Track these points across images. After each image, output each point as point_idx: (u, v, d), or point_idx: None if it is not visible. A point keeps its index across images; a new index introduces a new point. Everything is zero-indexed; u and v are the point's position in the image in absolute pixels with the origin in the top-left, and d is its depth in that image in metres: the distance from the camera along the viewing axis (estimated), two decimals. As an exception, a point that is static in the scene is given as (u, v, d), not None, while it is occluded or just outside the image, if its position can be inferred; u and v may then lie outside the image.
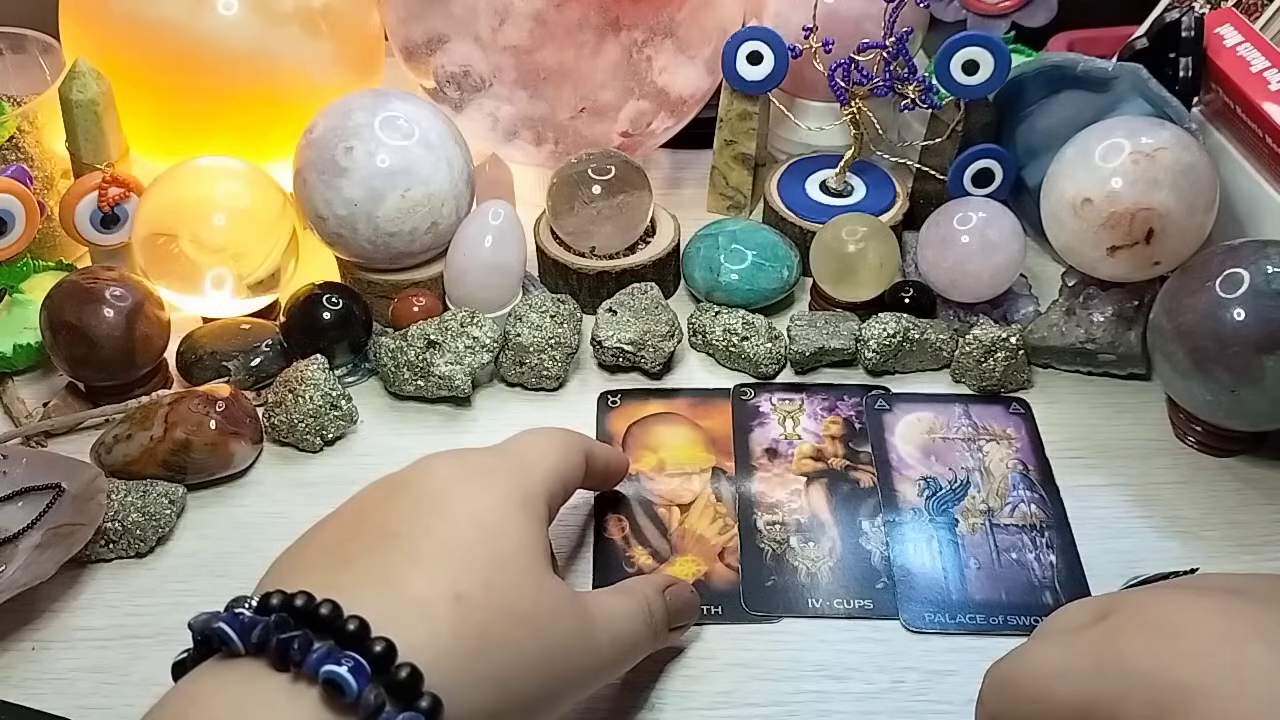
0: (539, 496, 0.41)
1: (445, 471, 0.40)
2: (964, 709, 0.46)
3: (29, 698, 0.47)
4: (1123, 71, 0.62)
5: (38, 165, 0.67)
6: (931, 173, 0.68)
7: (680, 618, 0.46)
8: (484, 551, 0.37)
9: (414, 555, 0.36)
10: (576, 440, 0.47)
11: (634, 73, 0.67)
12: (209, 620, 0.33)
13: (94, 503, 0.51)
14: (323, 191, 0.60)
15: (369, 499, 0.40)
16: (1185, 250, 0.57)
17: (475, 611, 0.35)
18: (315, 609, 0.32)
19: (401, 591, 0.34)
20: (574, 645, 0.38)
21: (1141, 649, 0.34)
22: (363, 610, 0.33)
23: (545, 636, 0.37)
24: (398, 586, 0.34)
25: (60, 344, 0.58)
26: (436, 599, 0.34)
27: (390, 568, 0.35)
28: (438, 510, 0.37)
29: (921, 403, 0.61)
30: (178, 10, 0.65)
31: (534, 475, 0.42)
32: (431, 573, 0.35)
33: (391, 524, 0.37)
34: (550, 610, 0.37)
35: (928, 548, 0.53)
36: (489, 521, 0.38)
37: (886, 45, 0.64)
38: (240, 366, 0.60)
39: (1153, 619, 0.35)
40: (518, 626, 0.36)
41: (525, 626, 0.36)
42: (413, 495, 0.38)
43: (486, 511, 0.38)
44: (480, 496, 0.39)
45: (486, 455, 0.42)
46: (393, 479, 0.40)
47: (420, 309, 0.62)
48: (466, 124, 0.69)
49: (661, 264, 0.66)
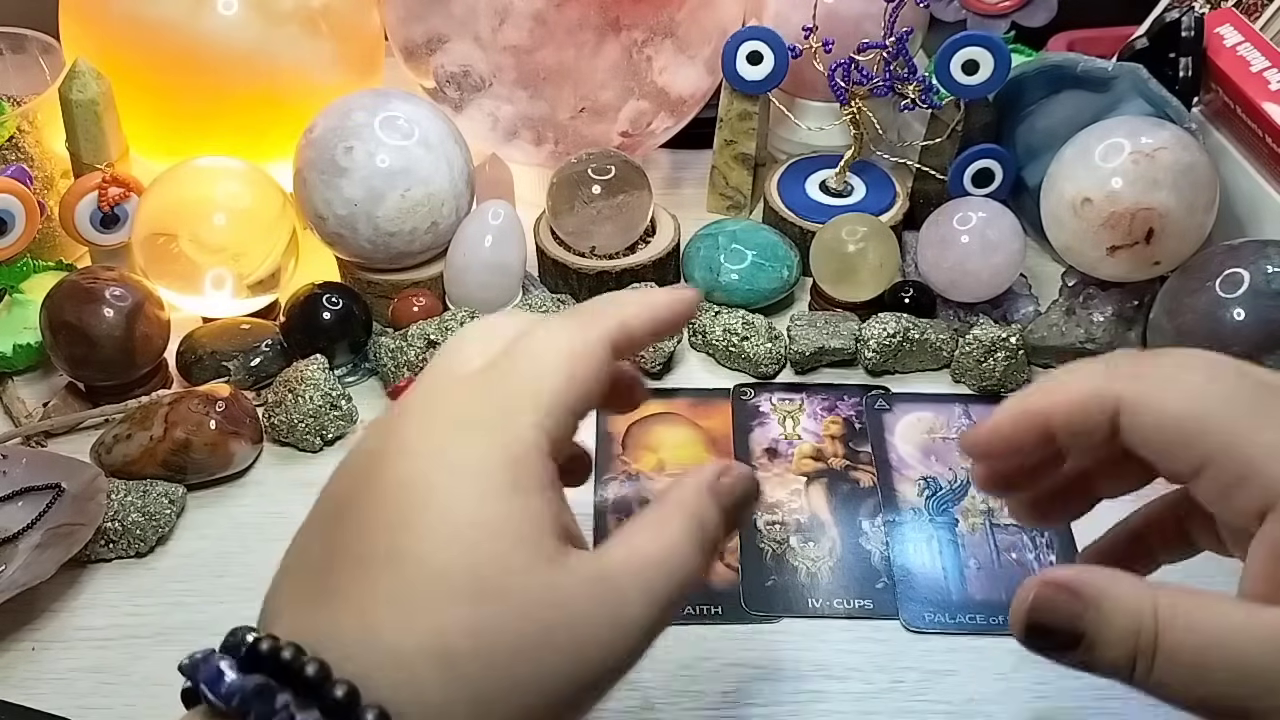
0: (535, 451, 0.32)
1: (418, 445, 0.32)
2: (964, 709, 0.46)
3: (29, 698, 0.47)
4: (1123, 71, 0.62)
5: (38, 165, 0.67)
6: (931, 173, 0.68)
7: (743, 508, 0.36)
8: (468, 580, 0.30)
9: (385, 592, 0.30)
10: (594, 335, 0.35)
11: (634, 73, 0.67)
12: (195, 669, 0.30)
13: (94, 503, 0.51)
14: (323, 191, 0.61)
15: (338, 495, 0.33)
16: (1185, 250, 0.57)
17: (465, 664, 0.29)
18: (302, 668, 0.29)
19: (378, 643, 0.29)
20: (605, 638, 0.32)
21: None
22: (352, 668, 0.29)
23: (564, 650, 0.31)
24: (375, 635, 0.30)
25: (60, 344, 0.58)
26: (416, 652, 0.29)
27: (365, 610, 0.30)
28: (410, 527, 0.31)
29: (921, 403, 0.61)
30: (178, 10, 0.65)
31: (525, 421, 0.33)
32: (407, 617, 0.30)
33: (360, 542, 0.31)
34: (565, 618, 0.31)
35: (928, 548, 0.53)
36: (472, 528, 0.31)
37: (886, 45, 0.64)
38: (240, 366, 0.60)
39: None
40: (523, 662, 0.30)
41: (534, 654, 0.30)
42: (380, 498, 0.32)
43: (469, 512, 0.31)
44: (459, 488, 0.31)
45: (467, 393, 0.33)
46: (358, 465, 0.33)
47: (420, 309, 0.62)
48: (466, 124, 0.69)
49: (661, 264, 0.66)
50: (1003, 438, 0.36)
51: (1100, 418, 0.34)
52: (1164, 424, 0.33)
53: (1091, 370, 0.35)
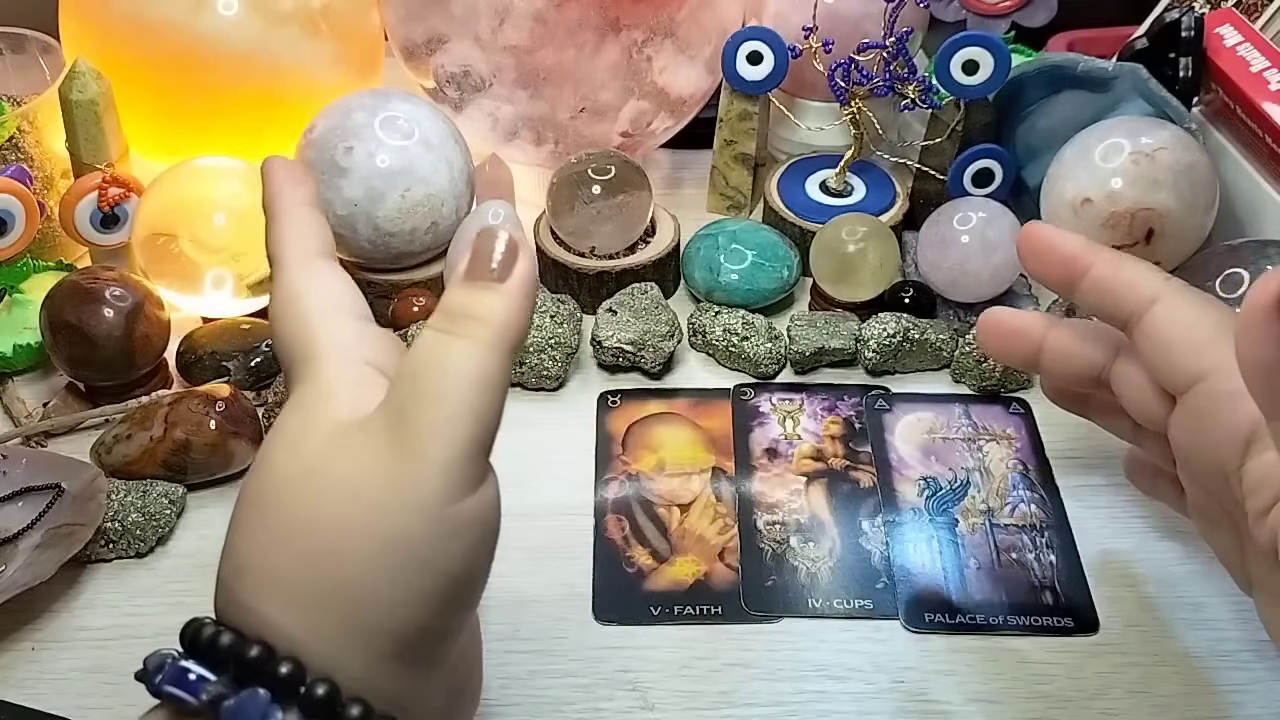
0: (332, 385, 0.33)
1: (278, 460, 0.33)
2: (964, 709, 0.46)
3: (29, 698, 0.47)
4: (1123, 71, 0.62)
5: (38, 165, 0.67)
6: (931, 173, 0.68)
7: (520, 277, 0.34)
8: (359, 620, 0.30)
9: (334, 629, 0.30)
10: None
11: (634, 73, 0.67)
12: (157, 672, 0.30)
13: (94, 503, 0.51)
14: (322, 192, 0.60)
15: (254, 489, 0.33)
16: (1185, 250, 0.57)
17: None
18: (275, 667, 0.29)
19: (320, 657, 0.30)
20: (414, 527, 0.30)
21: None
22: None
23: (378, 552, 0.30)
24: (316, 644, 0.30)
25: (60, 344, 0.58)
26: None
27: (312, 616, 0.30)
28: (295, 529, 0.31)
29: (921, 403, 0.61)
30: (178, 10, 0.65)
31: (321, 373, 0.34)
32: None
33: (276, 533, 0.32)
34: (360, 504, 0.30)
35: (928, 548, 0.53)
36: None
37: (886, 45, 0.64)
38: (240, 366, 0.60)
39: None
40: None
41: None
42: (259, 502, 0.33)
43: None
44: (296, 450, 0.32)
45: (290, 399, 0.34)
46: (258, 475, 0.33)
47: (420, 309, 0.62)
48: (466, 124, 0.69)
49: (661, 264, 0.66)
50: (1055, 247, 0.43)
51: (1133, 302, 0.41)
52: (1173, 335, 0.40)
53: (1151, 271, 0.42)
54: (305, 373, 0.34)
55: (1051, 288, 0.44)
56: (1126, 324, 0.42)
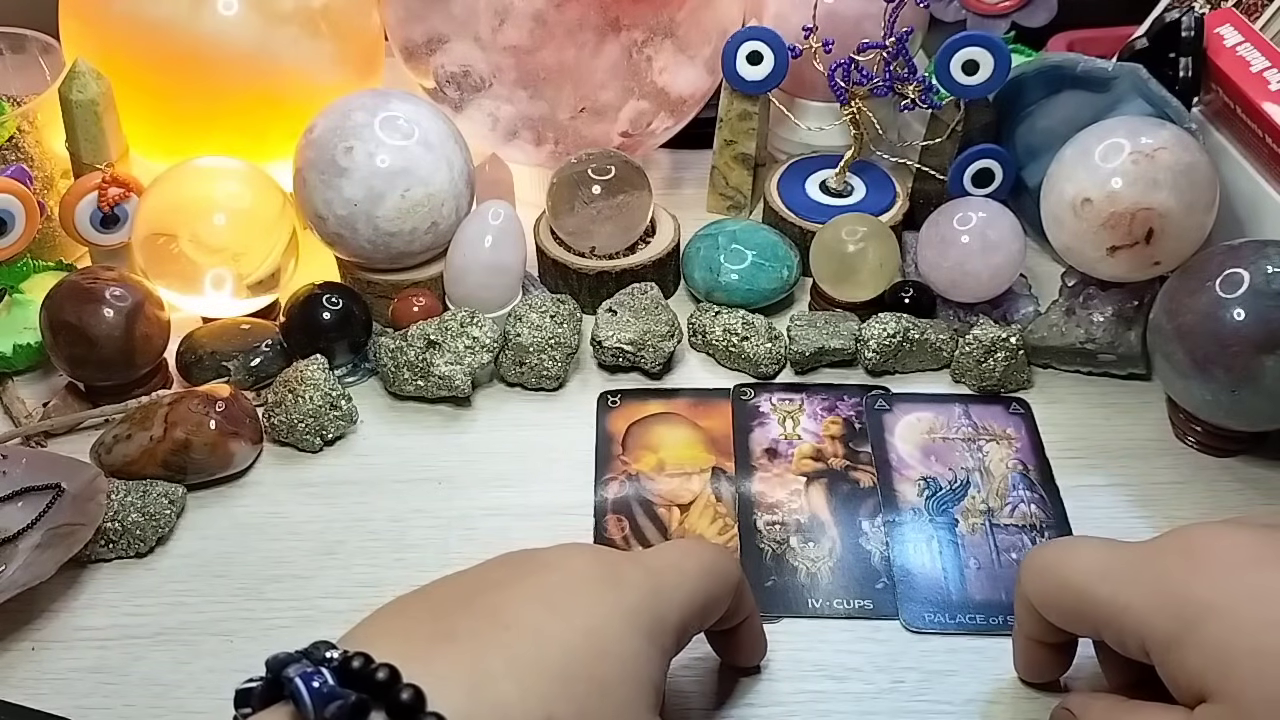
0: (670, 625, 0.38)
1: (580, 566, 0.37)
2: (964, 709, 0.46)
3: (29, 698, 0.47)
4: (1123, 71, 0.62)
5: (38, 165, 0.67)
6: (931, 173, 0.68)
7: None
8: (589, 673, 0.34)
9: (516, 655, 0.33)
10: (731, 567, 0.43)
11: (634, 73, 0.67)
12: (287, 664, 0.31)
13: (94, 503, 0.51)
14: (323, 191, 0.61)
15: (495, 572, 0.37)
16: (1185, 250, 0.57)
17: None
18: (397, 693, 0.30)
19: (492, 693, 0.32)
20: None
21: (1176, 567, 0.37)
22: (446, 702, 0.31)
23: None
24: (489, 686, 0.32)
25: (60, 344, 0.58)
26: (524, 713, 0.32)
27: (488, 661, 0.33)
28: (556, 610, 0.35)
29: (921, 403, 0.61)
30: (178, 10, 0.65)
31: (671, 600, 0.39)
32: (528, 682, 0.33)
33: (505, 610, 0.35)
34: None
35: (928, 548, 0.53)
36: (605, 639, 0.35)
37: (886, 45, 0.64)
38: (240, 366, 0.60)
39: (1192, 544, 0.38)
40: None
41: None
42: (537, 583, 0.36)
43: (606, 627, 0.36)
44: (604, 607, 0.36)
45: (628, 564, 0.39)
46: (526, 557, 0.38)
47: (420, 309, 0.62)
48: (466, 124, 0.69)
49: (661, 264, 0.66)
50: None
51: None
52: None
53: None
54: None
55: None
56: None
